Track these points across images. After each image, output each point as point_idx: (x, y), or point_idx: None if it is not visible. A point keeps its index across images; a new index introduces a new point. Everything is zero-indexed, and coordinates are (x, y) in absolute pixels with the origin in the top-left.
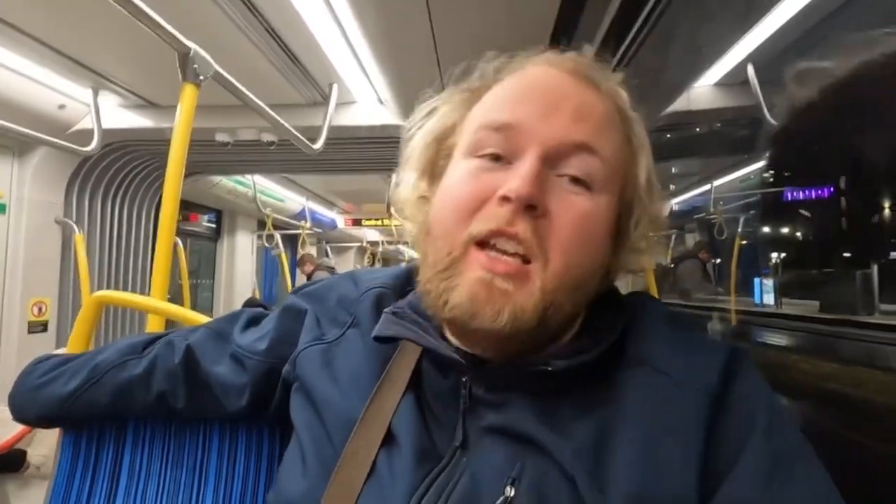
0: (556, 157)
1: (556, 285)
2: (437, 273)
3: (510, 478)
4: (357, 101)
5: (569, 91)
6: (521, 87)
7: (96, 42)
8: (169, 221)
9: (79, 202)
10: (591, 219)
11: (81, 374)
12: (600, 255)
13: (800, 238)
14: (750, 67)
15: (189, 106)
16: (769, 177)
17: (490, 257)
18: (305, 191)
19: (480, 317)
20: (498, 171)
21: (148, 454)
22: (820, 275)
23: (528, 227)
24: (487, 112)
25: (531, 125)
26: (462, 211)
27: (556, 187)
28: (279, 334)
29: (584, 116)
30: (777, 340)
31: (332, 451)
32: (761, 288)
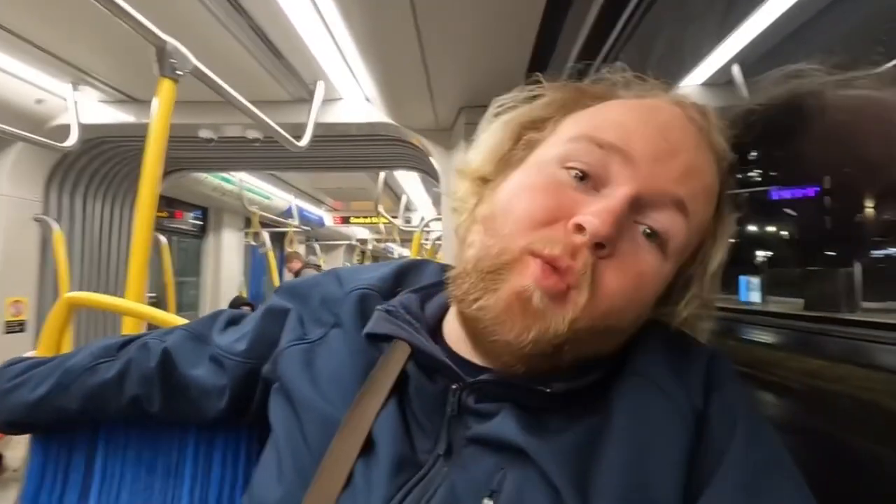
0: (647, 204)
1: (587, 325)
2: (479, 270)
3: (489, 490)
4: (343, 98)
5: (691, 144)
6: (642, 116)
7: (75, 36)
8: (146, 218)
9: (58, 199)
10: (649, 280)
11: (51, 379)
12: (641, 315)
13: (785, 236)
14: (735, 67)
15: (166, 101)
16: (755, 176)
17: (543, 268)
18: (293, 188)
19: (507, 330)
20: (581, 193)
21: (121, 458)
22: (804, 273)
23: (589, 264)
24: (596, 126)
25: (639, 160)
26: (531, 221)
27: (631, 234)
28: (260, 334)
29: (694, 175)
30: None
31: (308, 456)
32: (747, 286)
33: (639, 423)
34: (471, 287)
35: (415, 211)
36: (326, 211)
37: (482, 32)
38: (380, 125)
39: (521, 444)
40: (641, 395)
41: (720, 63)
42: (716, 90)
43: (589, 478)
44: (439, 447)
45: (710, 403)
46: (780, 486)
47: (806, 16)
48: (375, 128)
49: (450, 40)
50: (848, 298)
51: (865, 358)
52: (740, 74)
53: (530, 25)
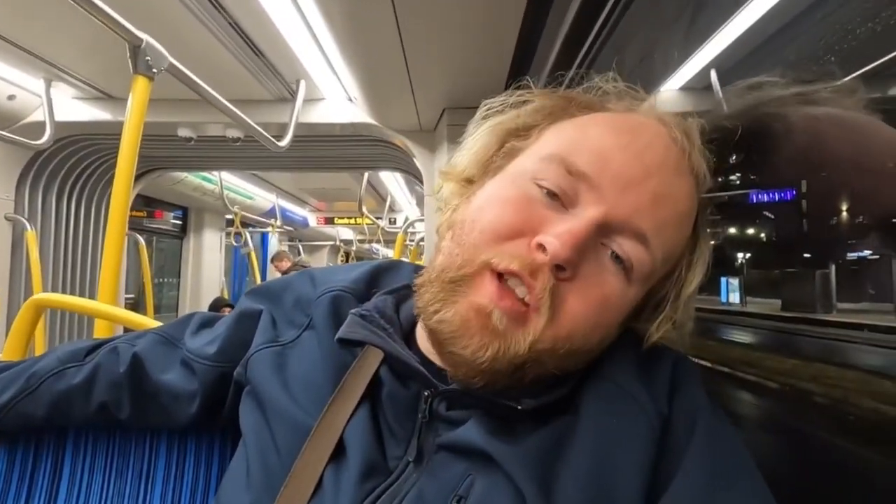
0: (614, 229)
1: (549, 347)
2: (441, 280)
3: (457, 494)
4: (326, 99)
5: (668, 168)
6: (621, 140)
7: (48, 31)
8: (119, 217)
9: (31, 198)
10: (613, 304)
11: (16, 385)
12: (606, 337)
13: (763, 239)
14: (713, 73)
15: (141, 99)
16: (735, 179)
17: (500, 289)
18: (275, 188)
19: (464, 344)
20: (548, 210)
21: (90, 464)
22: (782, 274)
23: (549, 285)
24: (572, 147)
25: (606, 187)
26: (495, 234)
27: (597, 256)
28: (231, 337)
29: (665, 203)
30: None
31: (277, 462)
32: (727, 287)
33: (605, 426)
34: (432, 298)
35: (399, 212)
36: (310, 211)
37: (464, 34)
38: (363, 126)
39: (488, 449)
40: (608, 399)
41: (698, 68)
42: (694, 94)
43: (554, 480)
44: (409, 453)
45: (672, 406)
46: (738, 484)
47: (780, 22)
48: (358, 128)
49: (432, 41)
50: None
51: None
52: (717, 79)
53: (511, 28)
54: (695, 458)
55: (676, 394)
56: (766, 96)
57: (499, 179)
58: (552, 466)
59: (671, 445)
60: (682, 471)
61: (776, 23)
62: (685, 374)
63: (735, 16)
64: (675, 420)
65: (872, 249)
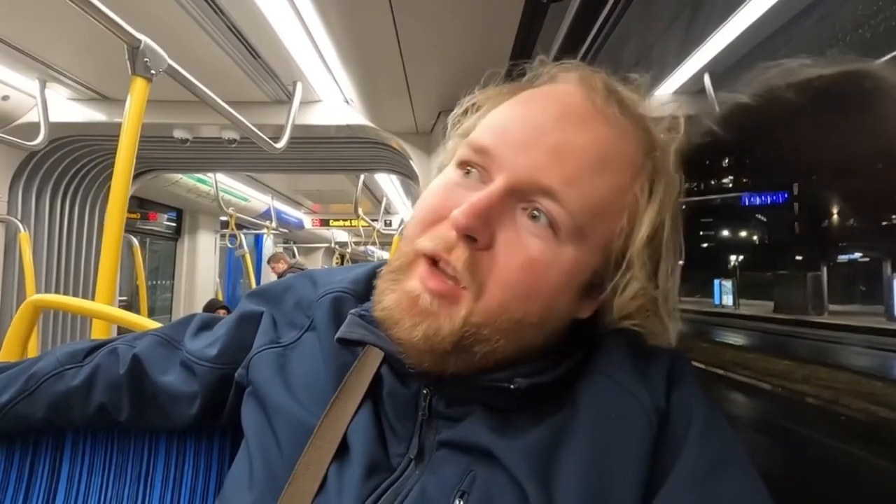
0: (523, 192)
1: (484, 319)
2: (386, 272)
3: (459, 490)
4: (322, 100)
5: (563, 122)
6: (519, 109)
7: (44, 31)
8: (117, 219)
9: (24, 199)
10: (543, 265)
11: (14, 386)
12: (555, 304)
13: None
14: (706, 77)
15: (139, 100)
16: (728, 182)
17: (429, 272)
18: (271, 190)
19: (399, 326)
20: (467, 189)
21: (88, 466)
22: (774, 276)
23: (463, 256)
24: (482, 128)
25: (506, 153)
26: (422, 222)
27: (515, 222)
28: (231, 339)
29: (565, 156)
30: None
31: (280, 461)
32: (721, 289)
33: (603, 420)
34: (379, 289)
35: (395, 214)
36: (305, 213)
37: (461, 37)
38: (359, 128)
39: (487, 445)
40: (606, 394)
41: (692, 71)
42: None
43: (554, 475)
44: (411, 451)
45: (670, 402)
46: (732, 476)
47: (772, 27)
48: (355, 130)
49: (429, 44)
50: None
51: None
52: (710, 83)
53: (508, 32)
54: (691, 450)
55: (674, 390)
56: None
57: (437, 177)
58: (552, 461)
59: (669, 440)
60: (678, 463)
61: (768, 28)
62: (682, 370)
63: (727, 21)
64: (673, 415)
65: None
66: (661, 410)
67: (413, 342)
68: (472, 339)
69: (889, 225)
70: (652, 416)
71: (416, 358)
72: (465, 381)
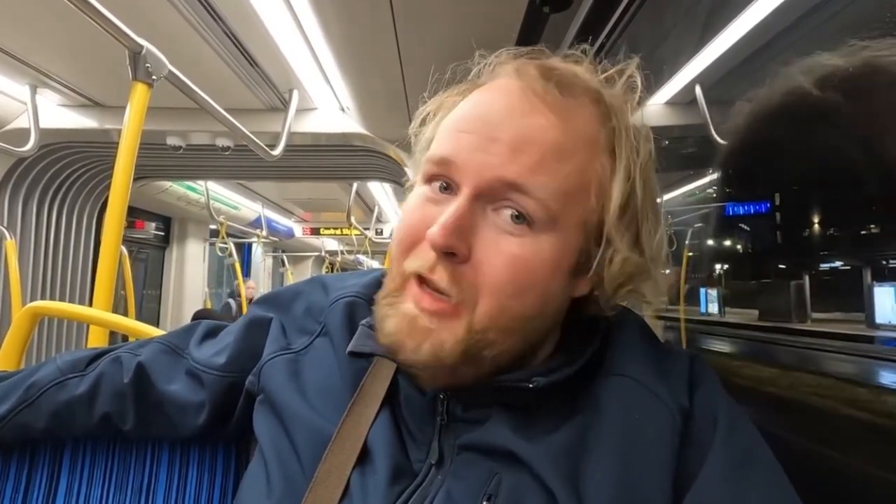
0: (491, 193)
1: (487, 325)
2: (383, 297)
3: (486, 493)
4: (318, 108)
5: (514, 116)
6: (469, 112)
7: (34, 36)
8: (115, 227)
9: (10, 206)
10: (526, 262)
11: (14, 395)
12: (550, 293)
13: (740, 250)
14: (697, 88)
15: (139, 106)
16: (712, 193)
17: (421, 292)
18: (261, 198)
19: (403, 349)
20: (439, 205)
21: (88, 477)
22: (758, 285)
23: (447, 273)
24: (438, 141)
25: (466, 159)
26: (403, 243)
27: (489, 226)
28: (240, 347)
29: (523, 148)
30: (722, 347)
31: (298, 469)
32: (706, 298)
33: (629, 422)
34: (379, 316)
35: (387, 223)
36: (296, 222)
37: (462, 47)
38: (355, 136)
39: (512, 448)
40: (630, 396)
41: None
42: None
43: (581, 477)
44: (431, 456)
45: (693, 401)
46: (761, 474)
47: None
48: (350, 138)
49: (428, 51)
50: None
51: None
52: (701, 94)
53: (508, 40)
54: (718, 450)
55: (696, 390)
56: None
57: (410, 196)
58: (578, 463)
59: (694, 438)
60: (707, 462)
61: (759, 40)
62: (702, 371)
63: (720, 33)
64: (697, 414)
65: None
66: (684, 410)
67: (421, 362)
68: (479, 346)
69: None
70: (676, 416)
71: (430, 377)
72: (482, 385)
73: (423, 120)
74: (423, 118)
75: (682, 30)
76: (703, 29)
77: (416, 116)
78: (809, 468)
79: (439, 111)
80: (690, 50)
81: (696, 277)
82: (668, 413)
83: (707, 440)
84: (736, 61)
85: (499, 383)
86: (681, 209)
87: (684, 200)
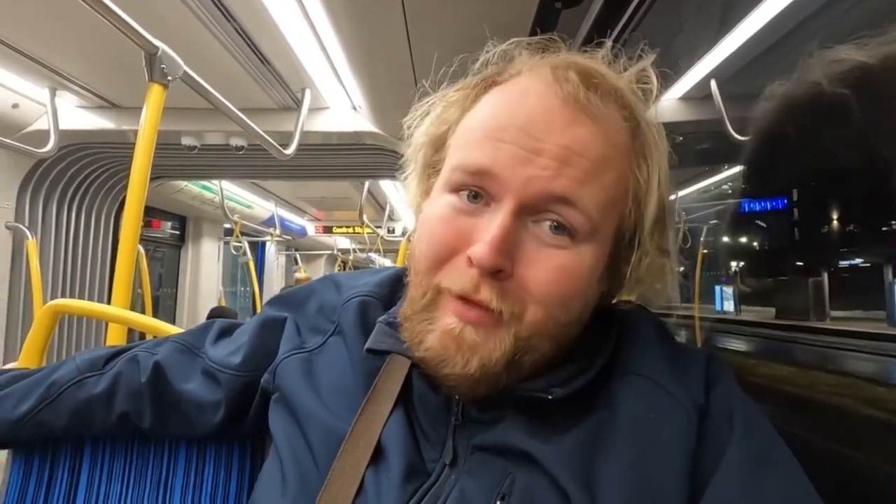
0: (535, 207)
1: (532, 332)
2: (415, 312)
3: (500, 493)
4: (330, 107)
5: (558, 125)
6: (503, 117)
7: (54, 40)
8: (133, 227)
9: (32, 206)
10: (571, 273)
11: (35, 395)
12: (589, 299)
13: (756, 247)
14: (713, 83)
15: (155, 107)
16: (727, 189)
17: (463, 306)
18: (274, 197)
19: (450, 364)
20: (473, 216)
21: (107, 473)
22: (775, 283)
23: (494, 291)
24: (466, 148)
25: (509, 172)
26: (434, 258)
27: (531, 239)
28: (255, 346)
29: (570, 160)
30: (736, 345)
31: (313, 467)
32: (722, 295)
33: (644, 421)
34: (412, 331)
35: (398, 221)
36: (308, 220)
37: (474, 44)
38: (367, 134)
39: (525, 448)
40: (644, 394)
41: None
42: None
43: (596, 477)
44: (445, 456)
45: (710, 400)
46: (780, 473)
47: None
48: (361, 137)
49: (441, 50)
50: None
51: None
52: (717, 89)
53: (521, 36)
54: (735, 449)
55: (712, 388)
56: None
57: (430, 201)
58: (593, 463)
59: (710, 437)
60: (724, 462)
61: (776, 33)
62: (719, 369)
63: (736, 27)
64: (713, 412)
65: None
66: (700, 408)
67: (468, 375)
68: (521, 352)
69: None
70: (692, 414)
71: (470, 388)
72: (501, 391)
73: (424, 113)
74: (426, 112)
75: (696, 23)
76: (719, 22)
77: (414, 109)
78: (829, 468)
79: (452, 107)
80: (705, 44)
81: (711, 275)
82: (684, 412)
83: (724, 439)
84: (753, 55)
85: (518, 392)
86: (695, 206)
87: (699, 197)
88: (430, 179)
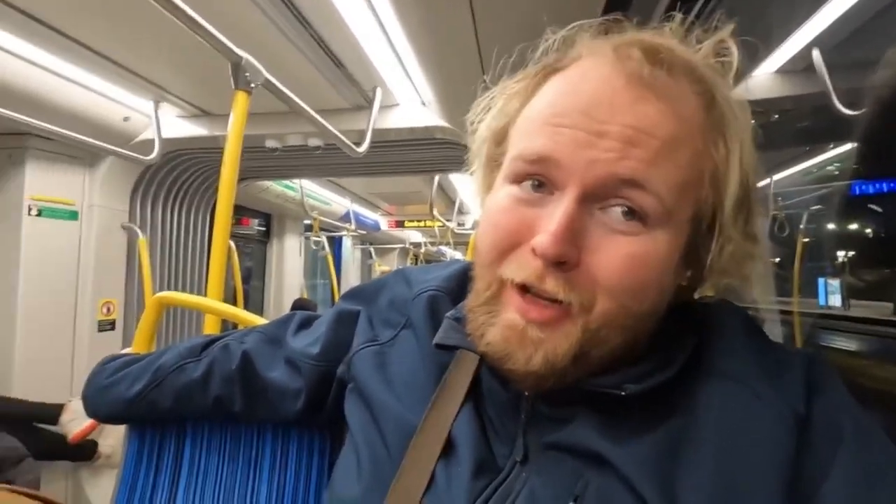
0: (601, 193)
1: (602, 324)
2: (478, 305)
3: (574, 495)
4: (399, 104)
5: (622, 105)
6: (563, 101)
7: (155, 56)
8: (224, 225)
9: (141, 208)
10: (644, 261)
11: (145, 377)
12: (665, 288)
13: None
14: (816, 52)
15: (241, 113)
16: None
17: (525, 301)
18: (349, 193)
19: (513, 360)
20: (536, 206)
21: (206, 451)
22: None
23: (560, 282)
24: (526, 137)
25: (571, 157)
26: (497, 249)
27: (599, 226)
28: (331, 339)
29: (637, 141)
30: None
31: (386, 456)
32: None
33: (730, 427)
34: (475, 324)
35: (468, 214)
36: (381, 215)
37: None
38: (436, 129)
39: (599, 450)
40: (731, 398)
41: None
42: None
43: (676, 485)
44: (516, 453)
45: (812, 408)
46: (894, 494)
47: None
48: (431, 132)
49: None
50: None
51: None
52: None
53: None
54: (844, 466)
55: (815, 395)
56: None
57: (492, 194)
58: (672, 468)
59: (812, 450)
60: (830, 480)
61: None
62: (823, 374)
63: None
64: (816, 422)
65: None
66: (800, 417)
67: (533, 371)
68: (590, 345)
69: None
70: (789, 421)
71: (535, 384)
72: (570, 390)
73: (486, 107)
74: (486, 106)
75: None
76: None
77: (475, 104)
78: None
79: (512, 99)
80: (804, 11)
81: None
82: (780, 419)
83: (829, 454)
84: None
85: (588, 387)
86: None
87: (799, 180)
88: (494, 173)
